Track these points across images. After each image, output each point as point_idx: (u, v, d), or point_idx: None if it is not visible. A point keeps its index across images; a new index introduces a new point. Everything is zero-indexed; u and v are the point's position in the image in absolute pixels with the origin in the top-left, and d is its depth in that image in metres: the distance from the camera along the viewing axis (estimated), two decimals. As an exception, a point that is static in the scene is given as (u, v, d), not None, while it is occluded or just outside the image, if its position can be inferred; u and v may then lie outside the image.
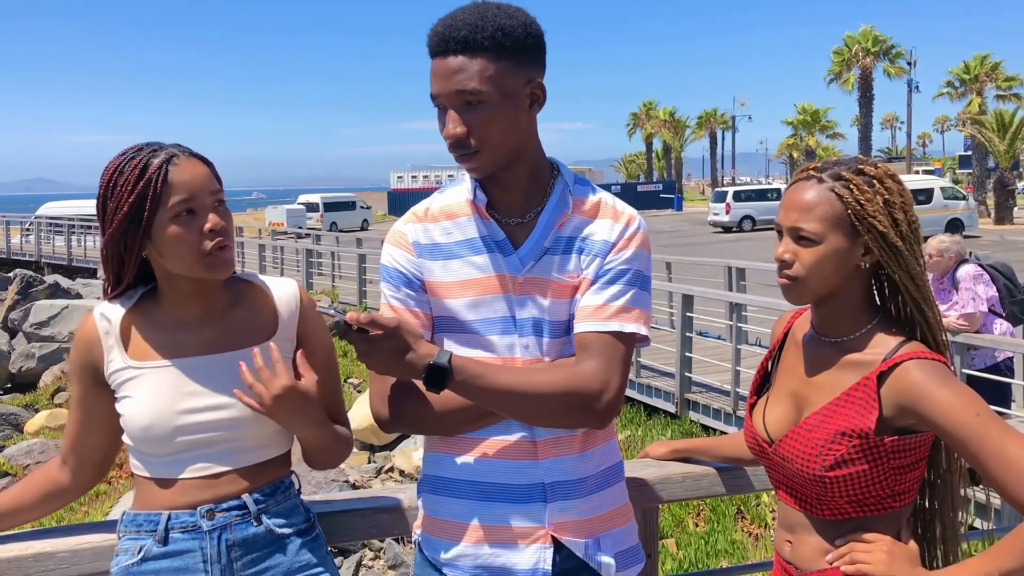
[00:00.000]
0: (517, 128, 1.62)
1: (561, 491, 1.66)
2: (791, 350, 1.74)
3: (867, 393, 1.55)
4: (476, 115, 1.57)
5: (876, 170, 1.59)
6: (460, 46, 1.56)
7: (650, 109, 74.81)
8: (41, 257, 29.41)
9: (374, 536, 2.06)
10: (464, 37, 1.55)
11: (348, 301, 17.04)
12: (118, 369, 1.67)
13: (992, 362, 6.52)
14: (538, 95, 1.63)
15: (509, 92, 1.58)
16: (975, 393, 1.50)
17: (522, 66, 1.60)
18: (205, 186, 1.63)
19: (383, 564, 6.83)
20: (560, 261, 1.66)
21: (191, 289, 1.69)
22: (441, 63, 1.58)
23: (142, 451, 1.67)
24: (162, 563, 1.63)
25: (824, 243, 1.57)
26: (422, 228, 1.71)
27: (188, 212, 1.61)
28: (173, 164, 1.61)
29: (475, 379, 1.55)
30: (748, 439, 1.75)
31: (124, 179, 1.61)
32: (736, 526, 6.91)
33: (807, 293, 1.61)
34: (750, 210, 36.74)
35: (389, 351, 1.52)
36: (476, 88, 1.55)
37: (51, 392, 13.21)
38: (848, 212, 1.56)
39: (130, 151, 1.64)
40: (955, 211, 29.19)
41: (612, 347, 1.62)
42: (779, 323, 1.84)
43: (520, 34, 1.58)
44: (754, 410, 1.76)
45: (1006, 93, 43.90)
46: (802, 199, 1.59)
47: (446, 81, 1.57)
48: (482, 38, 1.55)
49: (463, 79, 1.56)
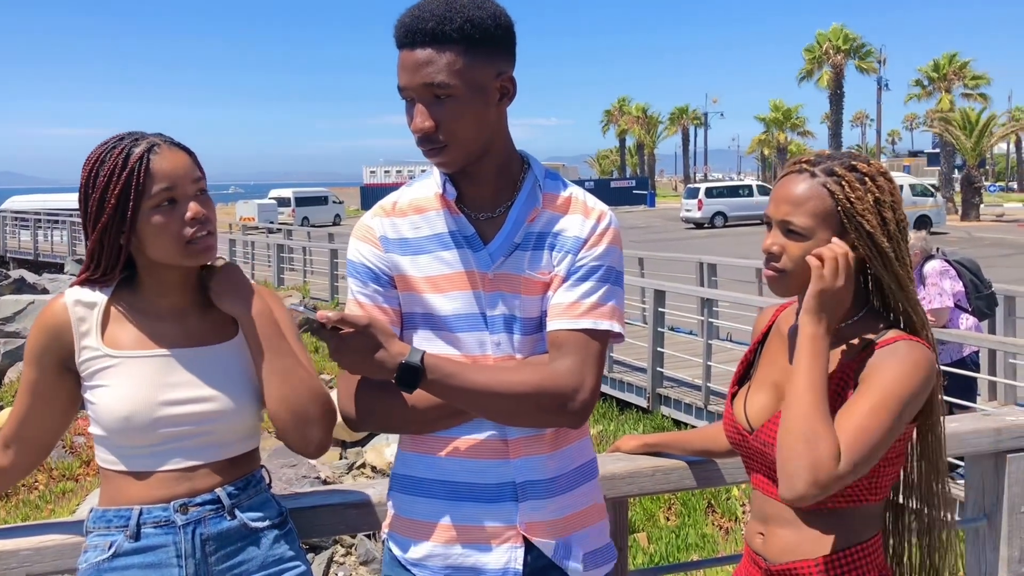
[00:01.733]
0: (487, 122, 1.59)
1: (532, 490, 1.64)
2: (775, 342, 1.75)
3: (844, 379, 1.56)
4: (445, 109, 1.54)
5: (868, 167, 1.59)
6: (428, 38, 1.52)
7: (623, 105, 75.08)
8: (6, 252, 28.98)
9: (343, 531, 2.05)
10: (432, 29, 1.51)
11: (320, 297, 16.95)
12: (93, 357, 1.64)
13: (958, 356, 6.61)
14: (508, 88, 1.61)
15: (478, 85, 1.55)
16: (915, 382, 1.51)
17: (492, 59, 1.56)
18: (187, 175, 1.62)
19: (354, 560, 6.80)
20: (531, 257, 1.64)
21: (173, 279, 1.68)
22: (408, 55, 1.54)
23: (117, 443, 1.64)
24: (134, 559, 1.60)
25: (813, 238, 1.57)
26: (390, 222, 1.68)
27: (170, 201, 1.60)
28: (154, 153, 1.60)
29: (448, 378, 1.53)
30: (728, 428, 1.76)
31: (106, 168, 1.60)
32: (707, 520, 6.96)
33: (793, 286, 1.62)
34: (722, 206, 36.99)
35: (360, 350, 1.49)
36: (445, 82, 1.52)
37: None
38: (838, 208, 1.56)
39: (111, 141, 1.63)
40: (924, 208, 29.58)
41: (586, 345, 1.60)
42: (763, 316, 1.84)
43: (490, 25, 1.55)
44: (735, 400, 1.76)
45: (972, 92, 44.49)
46: (793, 192, 1.59)
47: (413, 74, 1.54)
48: (451, 30, 1.51)
49: (431, 72, 1.52)
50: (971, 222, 35.48)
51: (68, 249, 26.58)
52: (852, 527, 1.60)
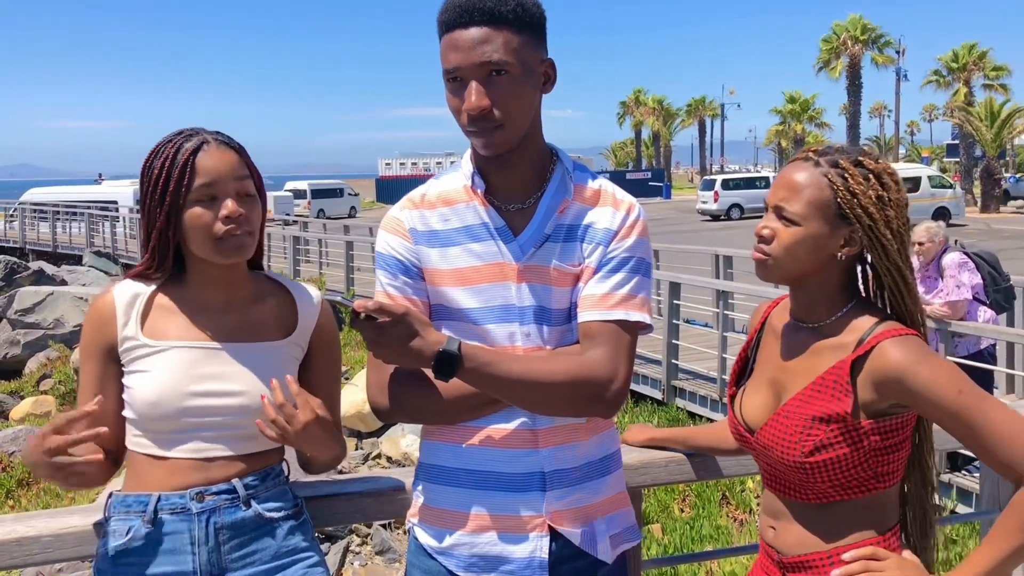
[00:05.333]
0: (533, 105, 1.62)
1: (560, 480, 1.65)
2: (769, 339, 1.74)
3: (841, 378, 1.55)
4: (501, 88, 1.55)
5: (876, 164, 1.58)
6: (485, 17, 1.53)
7: (639, 97, 74.74)
8: (25, 243, 29.18)
9: (359, 520, 2.07)
10: (490, 8, 1.53)
11: (336, 289, 16.99)
12: (132, 346, 1.68)
13: (975, 349, 6.57)
14: (550, 74, 1.64)
15: (530, 67, 1.58)
16: (955, 367, 1.52)
17: (539, 43, 1.60)
18: (229, 174, 1.66)
19: (370, 550, 6.84)
20: (561, 249, 1.65)
21: (216, 275, 1.72)
22: (462, 34, 1.54)
23: (145, 427, 1.67)
24: (150, 544, 1.63)
25: (804, 226, 1.56)
26: (418, 215, 1.69)
27: (211, 198, 1.65)
28: (203, 150, 1.65)
29: (485, 367, 1.54)
30: (732, 429, 1.76)
31: (158, 162, 1.66)
32: (721, 512, 6.95)
33: (778, 272, 1.61)
34: (738, 198, 36.80)
35: (398, 338, 1.49)
36: (503, 59, 1.53)
37: (36, 379, 13.13)
38: (836, 200, 1.55)
39: (170, 135, 1.70)
40: (942, 199, 29.34)
41: (618, 336, 1.62)
42: (756, 314, 1.84)
43: (536, 12, 1.58)
44: (735, 400, 1.76)
45: (993, 83, 44.04)
46: (793, 179, 1.59)
47: (469, 52, 1.54)
48: (507, 10, 1.53)
49: (489, 50, 1.53)
50: (990, 214, 35.18)
51: (86, 241, 26.76)
52: (864, 518, 1.60)
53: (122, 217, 26.72)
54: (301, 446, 1.66)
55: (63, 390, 11.92)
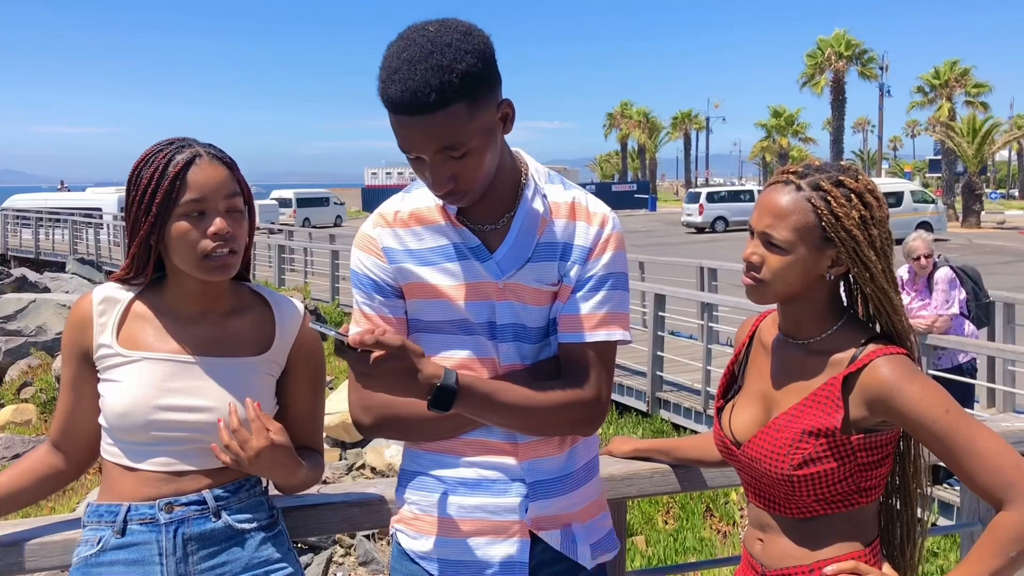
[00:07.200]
0: (496, 154, 1.56)
1: (541, 487, 1.67)
2: (758, 353, 1.76)
3: (832, 394, 1.57)
4: (459, 163, 1.49)
5: (856, 183, 1.57)
6: (432, 107, 1.42)
7: (626, 109, 75.10)
8: (8, 250, 28.94)
9: (345, 530, 2.07)
10: (434, 101, 1.41)
11: (320, 298, 16.93)
12: (106, 354, 1.67)
13: (957, 363, 6.64)
14: (508, 113, 1.54)
15: (488, 128, 1.50)
16: (942, 388, 1.54)
17: (492, 92, 1.50)
18: (219, 190, 1.63)
19: (353, 560, 6.81)
20: (538, 268, 1.65)
21: (195, 288, 1.70)
22: (407, 120, 1.44)
23: (115, 436, 1.67)
24: (119, 554, 1.63)
25: (792, 253, 1.57)
26: (391, 233, 1.67)
27: (199, 214, 1.62)
28: (195, 164, 1.63)
29: (483, 399, 1.54)
30: (717, 442, 1.77)
31: (148, 171, 1.63)
32: (705, 524, 6.97)
33: (770, 295, 1.63)
34: (723, 211, 37.00)
35: (392, 372, 1.44)
36: (457, 142, 1.46)
37: (17, 387, 13.00)
38: (821, 224, 1.55)
39: (161, 144, 1.67)
40: (924, 214, 29.58)
41: (599, 357, 1.65)
42: (743, 327, 1.85)
43: (482, 68, 1.46)
44: (722, 413, 1.77)
45: (974, 99, 44.48)
46: (777, 205, 1.58)
47: (423, 141, 1.46)
48: (452, 93, 1.42)
49: (440, 135, 1.45)
50: (971, 229, 35.50)
51: (69, 248, 26.55)
52: (846, 531, 1.61)
53: (106, 224, 26.56)
54: (256, 472, 1.65)
55: (44, 398, 11.80)
